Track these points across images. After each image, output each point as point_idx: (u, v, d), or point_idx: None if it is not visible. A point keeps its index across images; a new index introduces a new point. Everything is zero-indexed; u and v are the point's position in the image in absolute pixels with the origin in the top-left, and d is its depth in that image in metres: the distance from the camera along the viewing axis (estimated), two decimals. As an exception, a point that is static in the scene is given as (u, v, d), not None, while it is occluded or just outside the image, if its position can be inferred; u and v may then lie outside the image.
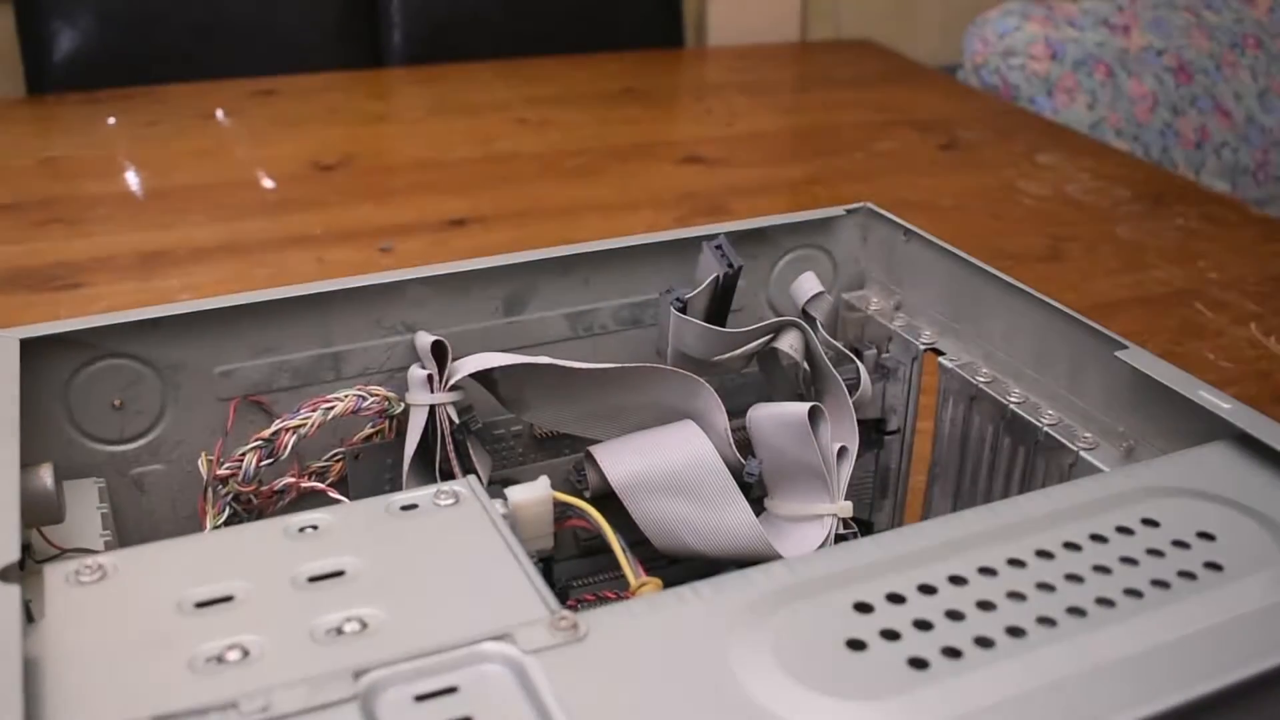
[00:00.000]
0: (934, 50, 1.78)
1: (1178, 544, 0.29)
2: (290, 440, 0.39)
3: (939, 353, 0.45)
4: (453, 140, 1.18)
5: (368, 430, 0.42)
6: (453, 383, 0.40)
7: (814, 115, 1.33)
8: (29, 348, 0.37)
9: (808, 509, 0.40)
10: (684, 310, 0.42)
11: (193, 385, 0.40)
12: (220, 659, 0.25)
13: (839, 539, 0.40)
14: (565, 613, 0.26)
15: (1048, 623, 0.26)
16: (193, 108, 1.24)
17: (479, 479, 0.36)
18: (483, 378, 0.41)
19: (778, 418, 0.40)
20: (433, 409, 0.40)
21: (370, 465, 0.41)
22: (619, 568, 0.34)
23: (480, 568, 0.28)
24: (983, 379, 0.43)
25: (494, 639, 0.25)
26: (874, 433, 0.49)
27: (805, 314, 0.44)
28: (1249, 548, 0.29)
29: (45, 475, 0.32)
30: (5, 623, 0.24)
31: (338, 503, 0.39)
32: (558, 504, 0.34)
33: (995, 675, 0.25)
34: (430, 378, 0.40)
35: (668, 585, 0.30)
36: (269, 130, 1.20)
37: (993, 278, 0.44)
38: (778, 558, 0.35)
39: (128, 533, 0.40)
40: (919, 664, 0.25)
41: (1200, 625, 0.26)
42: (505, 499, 0.32)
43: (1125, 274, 0.91)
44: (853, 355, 0.45)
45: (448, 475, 0.40)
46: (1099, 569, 0.28)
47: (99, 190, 1.02)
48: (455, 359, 0.40)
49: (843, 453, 0.41)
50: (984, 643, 0.26)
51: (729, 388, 0.46)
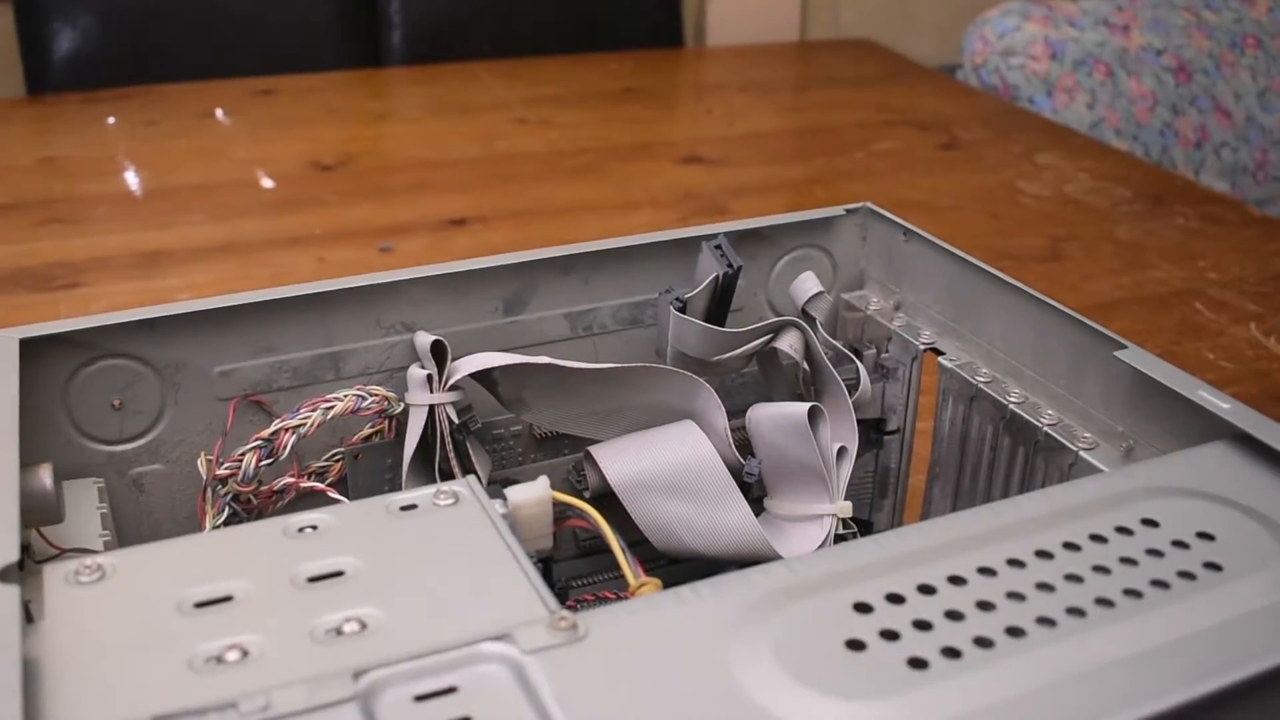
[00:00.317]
0: (934, 50, 1.78)
1: (1177, 544, 0.29)
2: (290, 440, 0.39)
3: (939, 353, 0.45)
4: (453, 140, 1.18)
5: (367, 430, 0.42)
6: (452, 383, 0.40)
7: (814, 115, 1.33)
8: (28, 347, 0.37)
9: (807, 509, 0.40)
10: (684, 310, 0.42)
11: (192, 385, 0.40)
12: (220, 659, 0.25)
13: (839, 539, 0.40)
14: (565, 613, 0.26)
15: (1047, 623, 0.26)
16: (192, 107, 1.24)
17: (479, 479, 0.36)
18: (482, 378, 0.41)
19: (777, 418, 0.40)
20: (432, 409, 0.40)
21: (370, 465, 0.41)
22: (618, 568, 0.34)
23: (480, 568, 0.28)
24: (982, 379, 0.43)
25: (494, 639, 0.25)
26: (873, 433, 0.49)
27: (805, 314, 0.44)
28: (1249, 548, 0.29)
29: (45, 475, 0.32)
30: (5, 623, 0.24)
31: (337, 503, 0.38)
32: (557, 504, 0.34)
33: (995, 675, 0.25)
34: (430, 378, 0.40)
35: (667, 585, 0.30)
36: (269, 130, 1.20)
37: (992, 278, 0.44)
38: (777, 558, 0.36)
39: (127, 533, 0.40)
40: (919, 664, 0.25)
41: (1200, 625, 0.26)
42: (505, 499, 0.32)
43: (1125, 274, 0.91)
44: (852, 355, 0.45)
45: (447, 475, 0.40)
46: (1098, 569, 0.28)
47: (98, 190, 1.02)
48: (455, 359, 0.40)
49: (842, 453, 0.41)
50: (984, 643, 0.26)
51: (729, 388, 0.46)
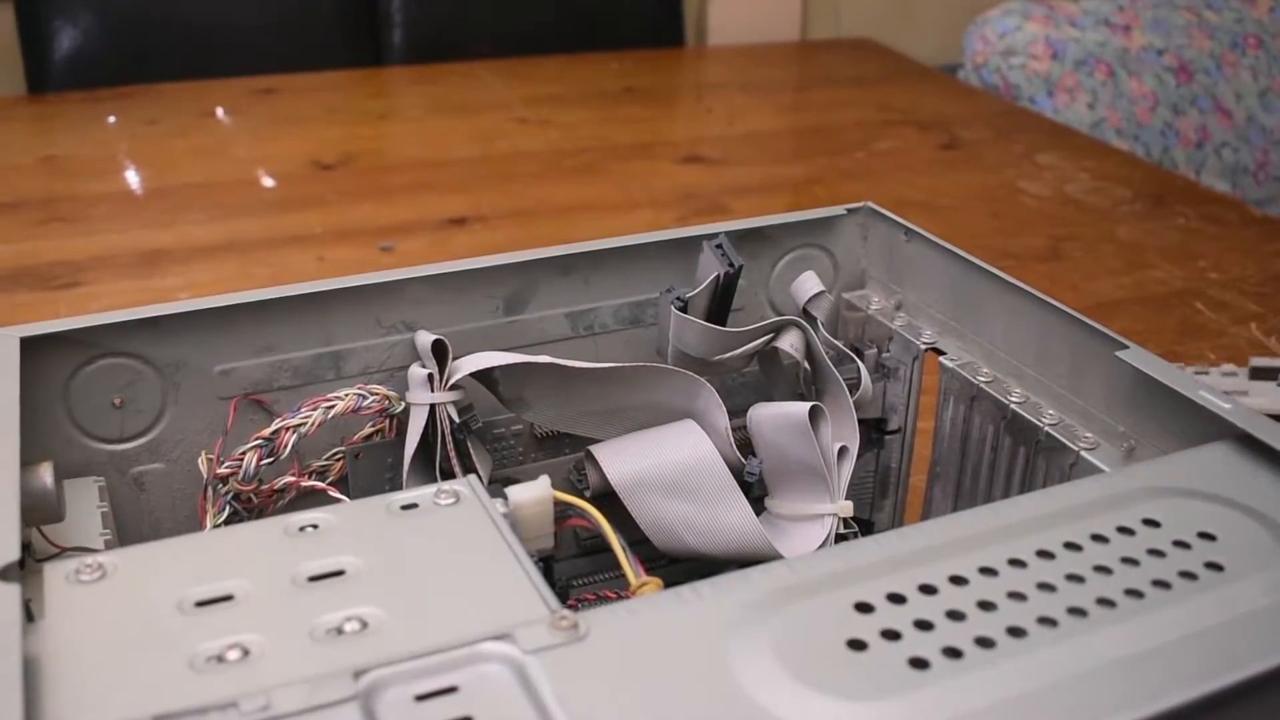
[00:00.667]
0: (934, 50, 1.78)
1: (1178, 544, 0.29)
2: (290, 439, 0.39)
3: (940, 352, 0.45)
4: (453, 140, 1.18)
5: (368, 429, 0.42)
6: (453, 382, 0.40)
7: (814, 114, 1.33)
8: (29, 346, 0.37)
9: (808, 509, 0.40)
10: (684, 309, 0.42)
11: (193, 384, 0.40)
12: (220, 658, 0.25)
13: (839, 539, 0.40)
14: (565, 612, 0.26)
15: (1048, 623, 0.26)
16: (193, 106, 1.24)
17: (479, 478, 0.36)
18: (483, 377, 0.41)
19: (778, 417, 0.40)
20: (433, 408, 0.40)
21: (370, 464, 0.41)
22: (619, 567, 0.34)
23: (480, 567, 0.28)
24: (983, 379, 0.43)
25: (494, 639, 0.25)
26: (874, 432, 0.49)
27: (806, 313, 0.44)
28: (1249, 548, 0.29)
29: (45, 474, 0.32)
30: (5, 622, 0.24)
31: (338, 502, 0.38)
32: (558, 503, 0.34)
33: (996, 675, 0.25)
34: (431, 377, 0.40)
35: (668, 585, 0.30)
36: (269, 129, 1.20)
37: (993, 277, 0.43)
38: (778, 557, 0.36)
39: (127, 532, 0.40)
40: (919, 664, 0.25)
41: (1200, 625, 0.26)
42: (505, 498, 0.32)
43: (1126, 274, 0.91)
44: (853, 355, 0.45)
45: (448, 474, 0.40)
46: (1100, 569, 0.28)
47: (99, 189, 1.02)
48: (456, 358, 0.40)
49: (843, 452, 0.41)
50: (985, 643, 0.26)
51: (729, 387, 0.46)
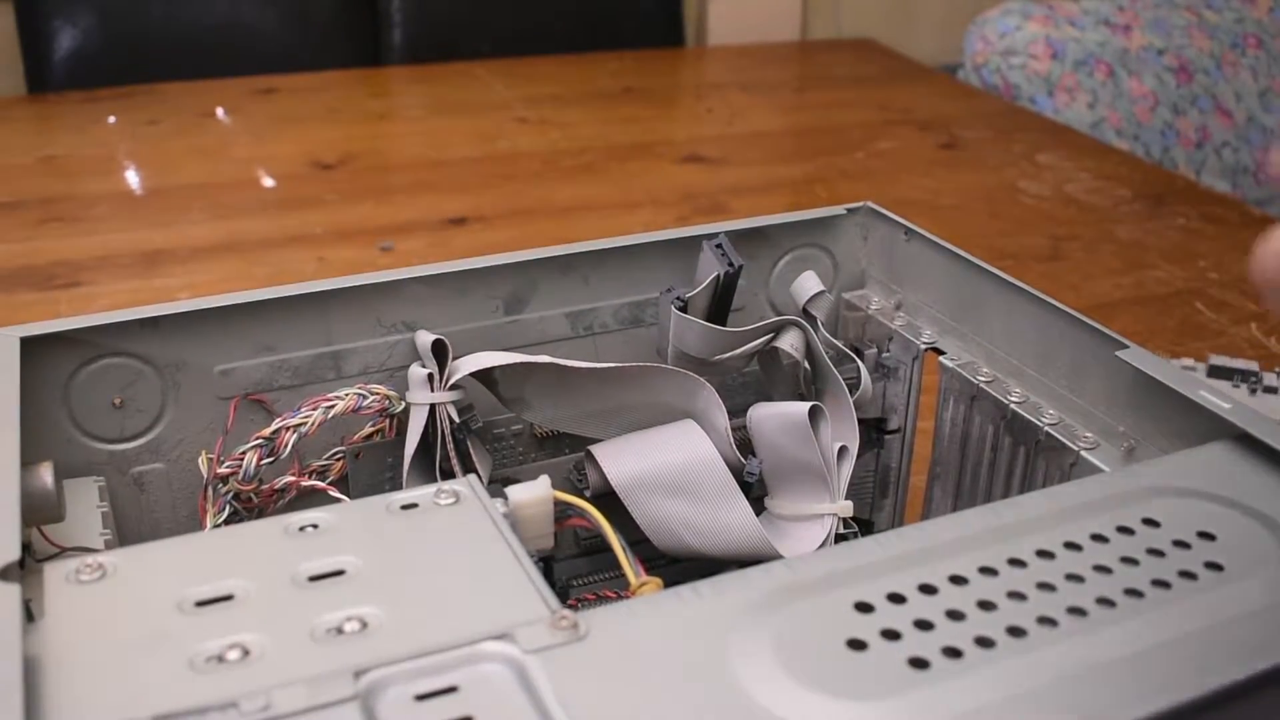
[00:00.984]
0: (934, 50, 1.78)
1: (1178, 544, 0.29)
2: (291, 439, 0.39)
3: (940, 352, 0.45)
4: (453, 140, 1.18)
5: (368, 429, 0.42)
6: (453, 382, 0.40)
7: (814, 114, 1.33)
8: (29, 346, 0.37)
9: (808, 508, 0.40)
10: (684, 309, 0.42)
11: (193, 384, 0.40)
12: (220, 658, 0.25)
13: (839, 538, 0.40)
14: (565, 612, 0.26)
15: (1048, 623, 0.26)
16: (193, 106, 1.24)
17: (479, 478, 0.36)
18: (483, 377, 0.41)
19: (778, 417, 0.40)
20: (433, 408, 0.40)
21: (370, 464, 0.41)
22: (619, 567, 0.34)
23: (480, 567, 0.28)
24: (983, 378, 0.43)
25: (494, 639, 0.25)
26: (874, 432, 0.49)
27: (806, 313, 0.44)
28: (1249, 548, 0.29)
29: (45, 474, 0.32)
30: (5, 622, 0.24)
31: (338, 501, 0.39)
32: (558, 503, 0.34)
33: (996, 675, 0.25)
34: (431, 377, 0.40)
35: (668, 585, 0.30)
36: (269, 129, 1.20)
37: (993, 277, 0.43)
38: (778, 557, 0.36)
39: (128, 531, 0.40)
40: (920, 664, 0.25)
41: (1200, 625, 0.26)
42: (505, 498, 0.32)
43: (1126, 274, 0.91)
44: (853, 354, 0.45)
45: (448, 474, 0.40)
46: (1100, 569, 0.28)
47: (99, 189, 1.02)
48: (456, 358, 0.40)
49: (843, 452, 0.41)
50: (985, 643, 0.26)
51: (729, 387, 0.46)
